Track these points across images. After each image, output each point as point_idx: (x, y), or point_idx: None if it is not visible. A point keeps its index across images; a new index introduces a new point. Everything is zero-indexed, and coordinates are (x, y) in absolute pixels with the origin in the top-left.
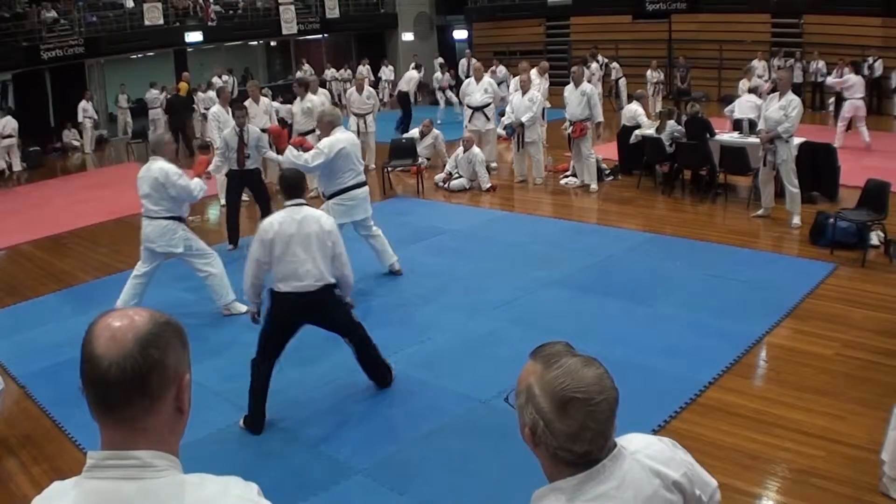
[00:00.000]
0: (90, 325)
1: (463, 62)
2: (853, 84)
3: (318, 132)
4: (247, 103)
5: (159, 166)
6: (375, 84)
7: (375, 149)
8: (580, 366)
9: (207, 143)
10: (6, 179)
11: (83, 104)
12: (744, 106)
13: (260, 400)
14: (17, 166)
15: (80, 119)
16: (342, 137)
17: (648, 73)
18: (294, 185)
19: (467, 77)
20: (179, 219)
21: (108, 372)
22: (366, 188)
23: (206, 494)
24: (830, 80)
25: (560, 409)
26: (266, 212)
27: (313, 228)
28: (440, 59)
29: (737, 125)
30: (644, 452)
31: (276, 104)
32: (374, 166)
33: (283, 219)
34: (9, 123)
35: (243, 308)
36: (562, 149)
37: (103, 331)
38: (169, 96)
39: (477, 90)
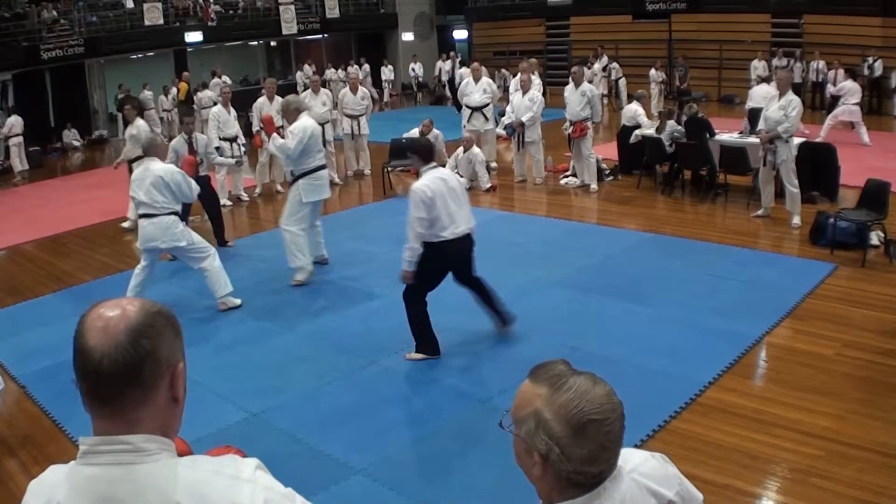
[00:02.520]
0: (82, 317)
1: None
2: (849, 90)
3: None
4: (260, 101)
5: (160, 167)
6: (377, 84)
7: (369, 150)
8: (589, 385)
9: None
10: (7, 179)
11: (145, 93)
12: (759, 96)
13: (427, 327)
14: (19, 166)
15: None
16: (310, 121)
17: (652, 72)
18: (428, 151)
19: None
20: (178, 214)
21: (101, 364)
22: (327, 170)
23: (198, 476)
24: (830, 88)
25: (577, 433)
26: (214, 218)
27: (454, 183)
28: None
29: (752, 115)
30: (639, 471)
31: None
32: (368, 171)
33: (431, 180)
34: (17, 123)
35: (238, 301)
36: (562, 149)
37: (95, 322)
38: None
39: (475, 90)
